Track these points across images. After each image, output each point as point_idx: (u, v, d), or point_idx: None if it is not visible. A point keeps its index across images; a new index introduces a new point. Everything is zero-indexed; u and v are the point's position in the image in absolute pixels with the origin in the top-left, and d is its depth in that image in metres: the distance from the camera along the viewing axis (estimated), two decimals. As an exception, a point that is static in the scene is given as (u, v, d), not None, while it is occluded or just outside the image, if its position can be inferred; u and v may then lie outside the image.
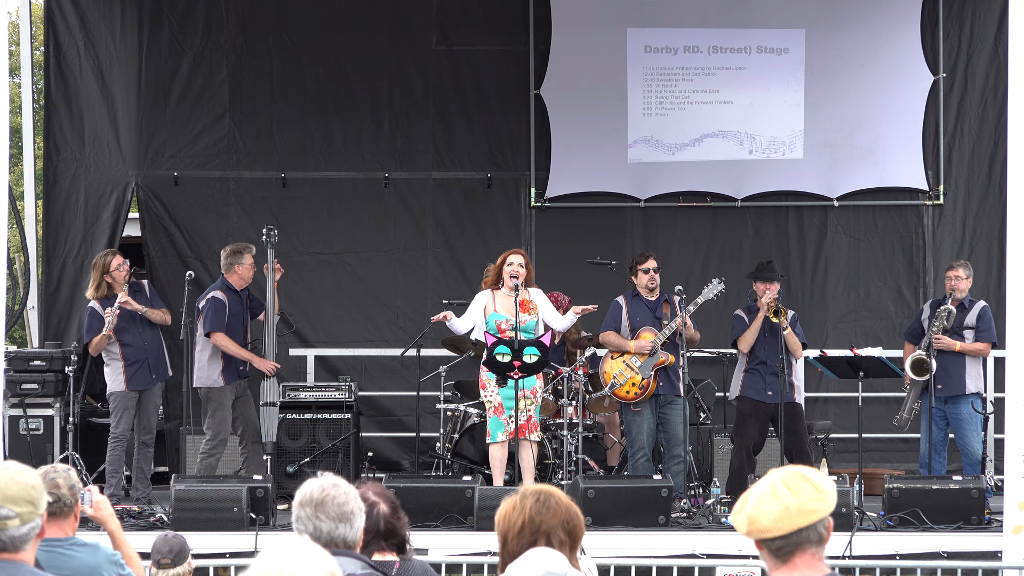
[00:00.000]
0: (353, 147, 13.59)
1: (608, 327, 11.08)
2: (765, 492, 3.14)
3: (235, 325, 11.15)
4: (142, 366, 11.00)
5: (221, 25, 13.44)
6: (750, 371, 11.05)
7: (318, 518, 3.96)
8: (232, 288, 11.18)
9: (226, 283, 11.18)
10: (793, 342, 10.97)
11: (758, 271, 11.22)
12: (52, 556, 4.68)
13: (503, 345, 10.17)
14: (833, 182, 13.55)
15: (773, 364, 10.83)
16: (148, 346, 11.07)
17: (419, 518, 9.79)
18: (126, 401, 10.94)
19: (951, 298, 11.14)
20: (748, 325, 11.02)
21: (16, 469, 3.76)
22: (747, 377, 11.07)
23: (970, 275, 11.33)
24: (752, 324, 10.99)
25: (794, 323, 11.13)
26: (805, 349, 11.31)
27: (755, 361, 11.02)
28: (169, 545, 6.20)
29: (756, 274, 11.20)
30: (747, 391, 11.06)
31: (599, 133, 13.50)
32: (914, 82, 13.44)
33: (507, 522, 3.98)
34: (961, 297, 11.18)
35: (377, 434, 13.22)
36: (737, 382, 11.19)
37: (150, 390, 11.10)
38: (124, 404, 10.94)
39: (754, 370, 11.02)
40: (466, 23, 13.56)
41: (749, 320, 11.05)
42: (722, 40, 13.52)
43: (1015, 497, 8.81)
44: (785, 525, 3.10)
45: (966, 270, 11.30)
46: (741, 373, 11.15)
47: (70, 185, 13.22)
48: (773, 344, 10.88)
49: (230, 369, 11.11)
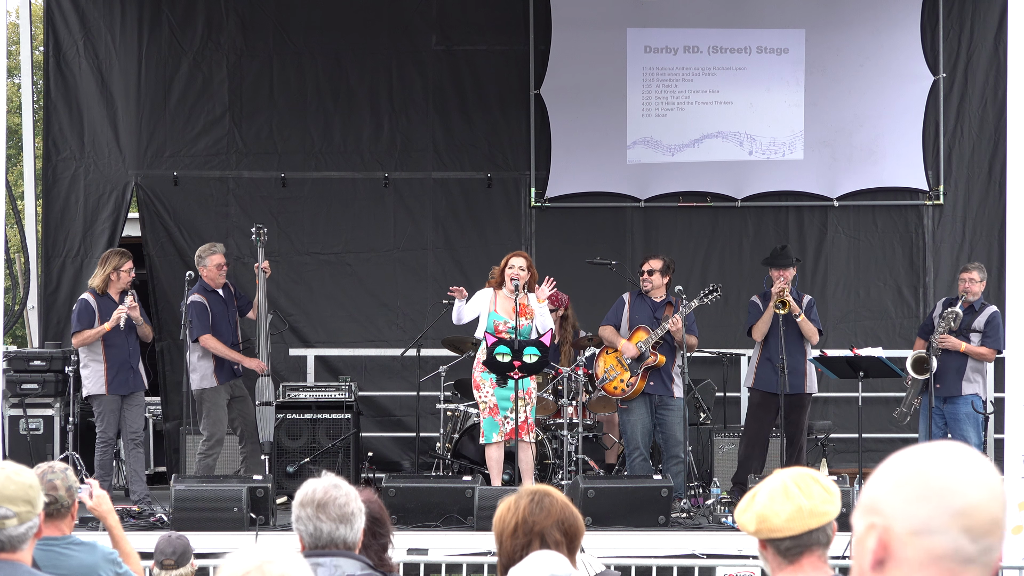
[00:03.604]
0: (353, 147, 13.59)
1: (608, 322, 11.13)
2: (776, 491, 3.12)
3: (220, 325, 11.14)
4: (122, 369, 10.94)
5: (221, 25, 13.44)
6: (764, 360, 11.01)
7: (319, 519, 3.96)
8: (210, 289, 11.18)
9: (203, 284, 11.19)
10: (808, 329, 10.92)
11: (772, 257, 11.20)
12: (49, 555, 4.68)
13: (503, 345, 10.16)
14: (833, 182, 13.55)
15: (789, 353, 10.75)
16: (132, 352, 11.04)
17: (419, 518, 9.80)
18: (110, 404, 10.89)
19: (963, 300, 11.12)
20: (762, 313, 10.99)
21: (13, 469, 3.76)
22: (760, 366, 11.04)
23: (984, 278, 11.27)
24: (765, 313, 10.96)
25: (810, 308, 11.05)
26: (821, 336, 11.25)
27: (768, 351, 10.98)
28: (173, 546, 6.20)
29: (770, 260, 11.17)
30: (759, 383, 11.04)
31: (599, 133, 13.50)
32: (914, 82, 13.44)
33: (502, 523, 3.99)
34: (973, 300, 11.17)
35: (377, 434, 13.21)
36: (751, 372, 11.17)
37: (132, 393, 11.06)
38: (109, 407, 10.89)
39: (767, 360, 10.98)
40: (466, 23, 13.56)
41: (764, 307, 11.01)
42: (722, 40, 13.52)
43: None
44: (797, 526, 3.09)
45: (980, 273, 11.25)
46: (755, 362, 11.11)
47: (70, 185, 13.22)
48: (786, 333, 10.79)
49: (222, 369, 11.11)
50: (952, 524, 1.93)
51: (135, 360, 11.06)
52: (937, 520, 1.93)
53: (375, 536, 4.44)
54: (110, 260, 11.03)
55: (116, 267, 10.96)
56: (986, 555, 1.94)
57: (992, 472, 1.98)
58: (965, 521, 1.93)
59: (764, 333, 10.96)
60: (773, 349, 10.88)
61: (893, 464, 2.02)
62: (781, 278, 10.91)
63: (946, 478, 1.95)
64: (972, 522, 1.94)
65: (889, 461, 2.04)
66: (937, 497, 1.93)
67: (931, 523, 1.93)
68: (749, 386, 11.25)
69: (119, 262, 10.99)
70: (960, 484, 1.94)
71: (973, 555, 1.93)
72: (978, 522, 1.94)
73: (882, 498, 1.98)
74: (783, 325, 10.80)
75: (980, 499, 1.94)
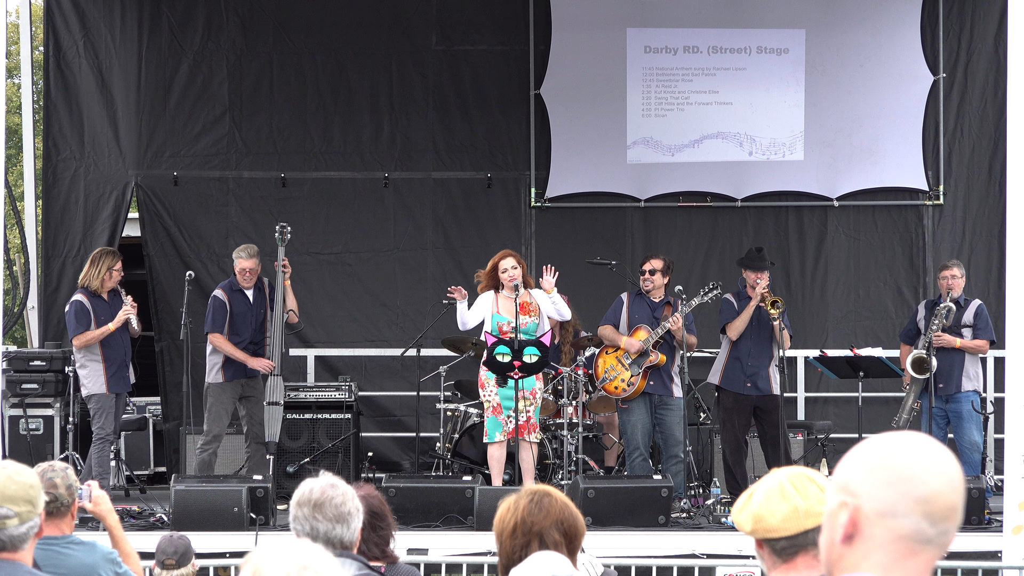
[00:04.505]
0: (353, 147, 13.59)
1: (607, 321, 11.13)
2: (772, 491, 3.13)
3: (239, 324, 11.13)
4: (120, 367, 10.98)
5: (221, 25, 13.44)
6: (732, 360, 11.02)
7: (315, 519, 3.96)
8: (237, 287, 11.19)
9: (233, 282, 11.21)
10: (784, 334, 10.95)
11: (748, 259, 11.21)
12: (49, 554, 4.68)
13: (503, 345, 10.16)
14: (833, 182, 13.55)
15: (756, 356, 10.82)
16: (126, 350, 11.07)
17: (419, 518, 9.80)
18: (108, 402, 10.92)
19: (949, 297, 11.13)
20: (738, 312, 11.00)
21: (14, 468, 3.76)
22: (728, 365, 11.04)
23: (964, 274, 11.34)
24: (743, 312, 10.97)
25: (782, 313, 11.09)
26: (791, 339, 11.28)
27: (738, 351, 11.00)
28: (174, 546, 6.20)
29: (746, 262, 11.18)
30: (727, 382, 11.05)
31: (599, 133, 13.50)
32: (914, 82, 13.44)
33: (501, 523, 3.99)
34: (956, 296, 11.19)
35: (377, 434, 13.21)
36: (718, 369, 11.17)
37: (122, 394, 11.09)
38: (106, 405, 10.91)
39: (736, 360, 11.00)
40: (466, 23, 13.56)
41: (739, 307, 11.02)
42: (722, 40, 13.52)
43: (1015, 497, 8.81)
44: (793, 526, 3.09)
45: (960, 269, 11.32)
46: (723, 360, 11.12)
47: (69, 185, 13.22)
48: (757, 335, 10.86)
49: (231, 366, 11.10)
50: (915, 509, 2.18)
51: (129, 358, 11.11)
52: (902, 505, 2.18)
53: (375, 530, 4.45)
54: (103, 260, 11.01)
55: (109, 267, 10.97)
56: (942, 537, 2.20)
57: (953, 464, 2.22)
58: (926, 507, 2.18)
59: (740, 332, 10.98)
60: (743, 350, 10.92)
61: (866, 449, 2.25)
62: (760, 280, 10.93)
63: (912, 467, 2.20)
64: (932, 508, 2.19)
65: (863, 446, 2.26)
66: (903, 484, 2.18)
67: (897, 507, 2.18)
68: (716, 383, 11.23)
69: (112, 262, 11.00)
70: (924, 474, 2.19)
71: (932, 537, 2.19)
72: (938, 508, 2.19)
73: (855, 480, 2.23)
74: (754, 322, 10.86)
75: (940, 488, 2.19)
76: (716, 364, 11.27)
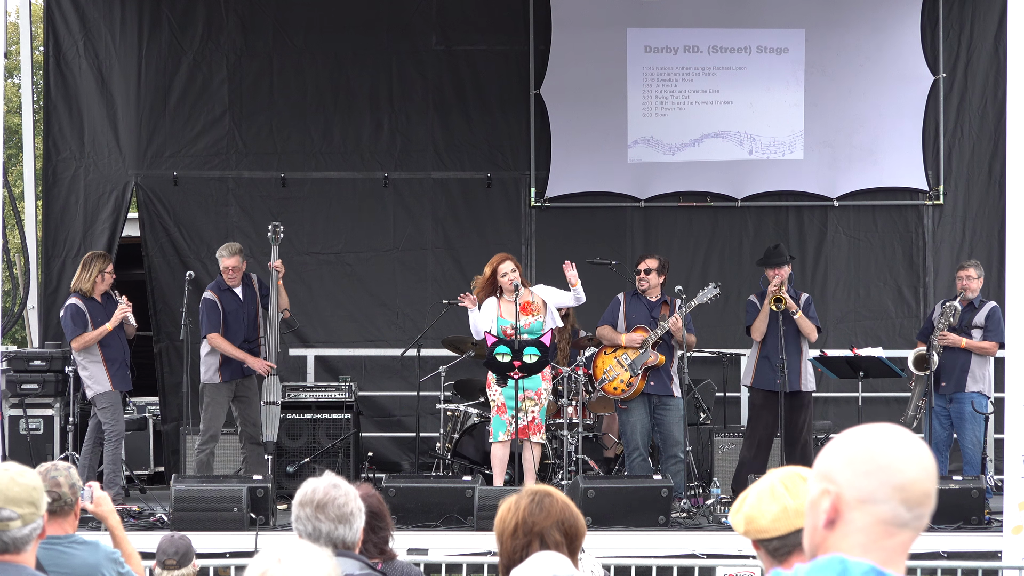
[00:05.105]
0: (353, 147, 13.59)
1: (605, 321, 11.14)
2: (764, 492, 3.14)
3: (233, 323, 11.14)
4: (120, 366, 11.06)
5: (221, 25, 13.44)
6: (762, 359, 11.00)
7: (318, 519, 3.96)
8: (225, 287, 11.19)
9: (220, 282, 11.22)
10: (806, 326, 10.91)
11: (766, 257, 11.20)
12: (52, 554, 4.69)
13: (503, 345, 10.17)
14: (833, 182, 13.55)
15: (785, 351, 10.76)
16: (124, 349, 11.16)
17: (419, 518, 9.80)
18: (116, 399, 11.03)
19: (961, 297, 11.14)
20: (759, 312, 10.99)
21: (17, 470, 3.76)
22: (759, 365, 11.03)
23: (981, 275, 11.34)
24: (761, 311, 10.96)
25: (807, 306, 11.05)
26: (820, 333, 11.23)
27: (766, 349, 10.98)
28: (175, 546, 6.20)
29: (765, 260, 11.18)
30: (759, 381, 11.03)
31: (599, 133, 13.50)
32: (914, 82, 13.44)
33: (502, 523, 3.99)
34: (972, 297, 11.18)
35: (377, 434, 13.21)
36: (750, 370, 11.15)
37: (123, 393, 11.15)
38: (115, 402, 11.01)
39: (765, 358, 10.98)
40: (466, 23, 13.56)
41: (761, 306, 11.01)
42: (722, 40, 13.52)
43: (1015, 497, 8.81)
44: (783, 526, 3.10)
45: (977, 270, 11.31)
46: (754, 360, 11.10)
47: (69, 185, 13.22)
48: (784, 331, 10.79)
49: (228, 367, 11.11)
50: (892, 496, 2.35)
51: (128, 357, 11.15)
52: (880, 492, 2.35)
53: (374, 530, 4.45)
54: (94, 263, 11.10)
55: (101, 270, 11.04)
56: (917, 521, 2.37)
57: (927, 454, 2.39)
58: (903, 494, 2.35)
59: (762, 332, 10.96)
60: (771, 348, 10.88)
61: (847, 440, 2.41)
62: (777, 276, 10.92)
63: (889, 457, 2.36)
64: (908, 495, 2.36)
65: (843, 437, 2.42)
66: (882, 473, 2.35)
67: (875, 494, 2.34)
68: (748, 384, 11.25)
69: (103, 265, 11.10)
70: (900, 463, 2.36)
71: (908, 521, 2.36)
72: (913, 495, 2.36)
73: (836, 469, 2.38)
74: (782, 324, 10.80)
75: (916, 476, 2.36)
76: (747, 365, 11.26)
